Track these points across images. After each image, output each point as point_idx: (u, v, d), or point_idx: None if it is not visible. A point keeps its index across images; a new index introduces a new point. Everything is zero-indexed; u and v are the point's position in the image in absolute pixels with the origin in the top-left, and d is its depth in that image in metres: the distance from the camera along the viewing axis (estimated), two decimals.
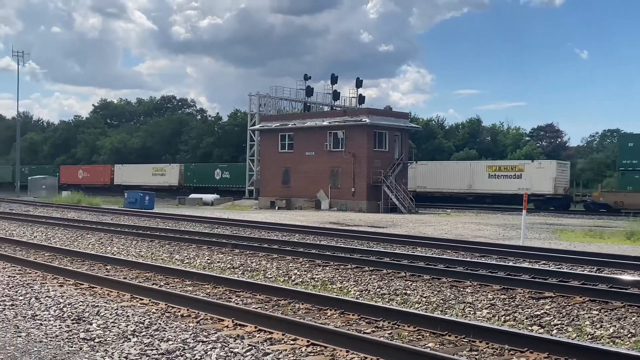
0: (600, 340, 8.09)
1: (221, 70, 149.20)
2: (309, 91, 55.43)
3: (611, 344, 7.91)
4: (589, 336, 8.27)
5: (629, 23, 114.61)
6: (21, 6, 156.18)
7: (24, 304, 9.50)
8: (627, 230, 24.76)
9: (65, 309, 9.08)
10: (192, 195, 53.73)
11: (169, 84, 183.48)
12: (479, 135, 74.76)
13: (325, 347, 7.09)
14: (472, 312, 9.73)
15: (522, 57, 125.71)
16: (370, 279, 12.58)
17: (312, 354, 6.98)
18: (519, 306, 10.03)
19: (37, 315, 8.70)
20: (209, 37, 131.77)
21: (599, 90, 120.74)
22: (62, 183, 70.84)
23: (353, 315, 8.82)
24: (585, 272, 13.10)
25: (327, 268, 13.91)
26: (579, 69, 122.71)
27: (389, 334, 7.95)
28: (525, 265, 14.50)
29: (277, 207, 45.94)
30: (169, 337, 7.57)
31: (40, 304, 9.49)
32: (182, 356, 6.80)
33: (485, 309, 9.91)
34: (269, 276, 13.05)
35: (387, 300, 10.66)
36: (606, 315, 9.28)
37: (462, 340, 7.55)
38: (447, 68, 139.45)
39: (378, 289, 11.52)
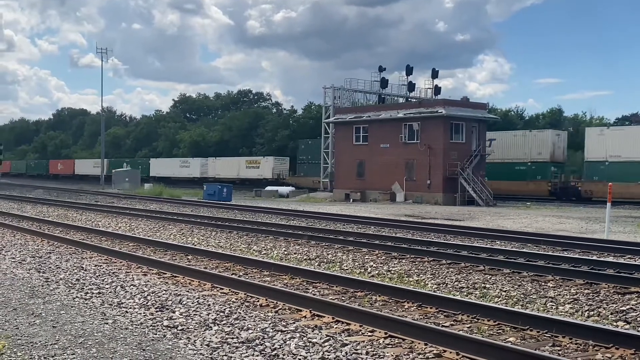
0: None
1: (296, 64, 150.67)
2: (384, 83, 55.09)
3: None
4: None
5: None
6: (103, 4, 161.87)
7: (110, 292, 9.89)
8: None
9: (149, 297, 9.39)
10: (269, 188, 54.42)
11: (245, 78, 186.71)
12: (561, 126, 72.50)
13: (404, 340, 7.07)
14: (554, 307, 9.49)
15: (606, 43, 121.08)
16: (447, 272, 12.44)
17: (390, 345, 6.96)
18: (604, 301, 9.71)
19: (122, 303, 9.03)
20: (283, 30, 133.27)
21: None
22: (151, 176, 72.97)
23: (431, 308, 8.75)
24: None
25: (404, 261, 13.84)
26: None
27: (468, 327, 7.85)
28: (610, 259, 14.00)
29: (351, 200, 45.97)
30: (249, 326, 7.72)
31: (126, 292, 9.85)
32: (261, 345, 6.91)
33: (568, 303, 9.64)
34: (345, 268, 13.09)
35: (465, 294, 10.51)
36: None
37: (545, 335, 7.38)
38: (526, 56, 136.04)
39: (456, 283, 11.38)
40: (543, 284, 11.16)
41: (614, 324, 8.46)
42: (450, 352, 6.53)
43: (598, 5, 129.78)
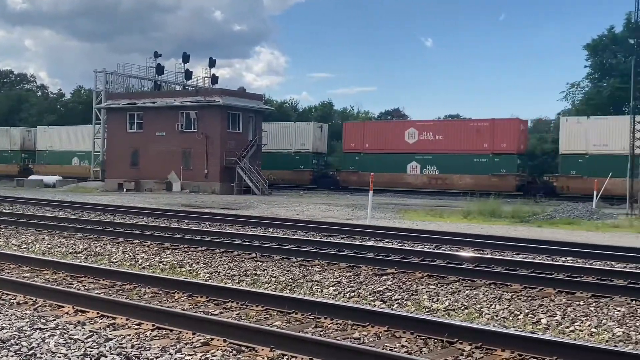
0: (436, 313, 8.60)
1: (63, 44, 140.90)
2: (160, 69, 53.78)
3: (446, 316, 8.43)
4: (427, 309, 8.77)
5: (472, 13, 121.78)
6: None
7: None
8: (464, 210, 26.46)
9: None
10: (32, 177, 50.65)
11: (6, 57, 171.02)
12: (331, 119, 76.43)
13: (171, 330, 6.98)
14: (319, 290, 9.99)
15: (372, 43, 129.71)
16: (220, 260, 12.53)
17: (158, 337, 6.84)
18: (363, 283, 10.43)
19: None
20: (48, 8, 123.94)
21: (442, 77, 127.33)
22: None
23: (201, 297, 8.75)
24: (425, 249, 13.84)
25: (177, 251, 13.68)
26: (425, 56, 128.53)
27: (237, 314, 7.98)
28: (371, 243, 15.08)
29: (125, 190, 44.37)
30: (3, 325, 7.11)
31: None
32: (17, 344, 6.41)
33: (332, 286, 10.21)
34: (114, 260, 12.62)
35: (237, 281, 10.67)
36: (442, 290, 9.87)
37: (308, 318, 7.73)
38: (301, 51, 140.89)
39: (228, 271, 11.50)
40: (310, 268, 11.69)
41: (372, 303, 9.13)
42: (218, 340, 6.58)
43: (366, 4, 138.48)
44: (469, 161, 43.42)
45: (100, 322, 7.39)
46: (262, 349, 6.26)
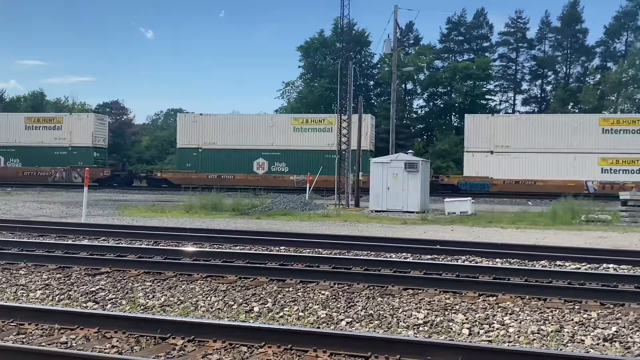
0: (152, 310, 8.46)
1: None
2: None
3: (162, 312, 8.34)
4: (142, 307, 8.59)
5: (193, 7, 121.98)
6: None
7: None
8: (186, 205, 26.51)
9: None
10: None
11: None
12: (42, 109, 71.23)
13: None
14: (25, 294, 9.24)
15: (91, 31, 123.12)
16: None
17: None
18: (75, 284, 9.88)
19: None
20: None
21: (164, 70, 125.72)
22: None
23: None
24: (142, 246, 13.53)
25: None
26: (146, 48, 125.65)
27: None
28: (85, 242, 14.35)
29: None
30: None
31: None
32: None
33: (40, 289, 9.51)
34: None
35: None
36: (159, 286, 9.75)
37: (10, 325, 7.11)
38: (7, 35, 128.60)
39: None
40: (15, 272, 10.76)
41: (84, 305, 8.68)
42: None
43: None
44: None
45: None
46: None
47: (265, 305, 8.55)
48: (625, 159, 40.61)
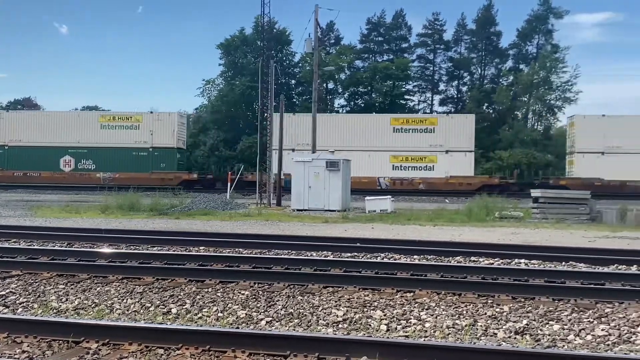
0: (65, 313, 8.19)
1: None
2: None
3: (76, 315, 8.09)
4: (55, 310, 8.30)
5: (110, 2, 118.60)
6: None
7: None
8: (102, 205, 25.81)
9: None
10: None
11: None
12: None
13: None
14: None
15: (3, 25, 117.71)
16: None
17: None
18: None
19: None
20: None
21: (79, 66, 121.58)
22: None
23: None
24: (55, 248, 13.07)
25: None
26: (60, 43, 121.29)
27: None
28: None
29: None
30: None
31: None
32: None
33: None
34: None
35: None
36: (72, 289, 9.45)
37: None
38: None
39: None
40: None
41: None
42: None
43: None
44: None
45: None
46: None
47: (184, 307, 8.42)
48: (414, 157, 43.37)
